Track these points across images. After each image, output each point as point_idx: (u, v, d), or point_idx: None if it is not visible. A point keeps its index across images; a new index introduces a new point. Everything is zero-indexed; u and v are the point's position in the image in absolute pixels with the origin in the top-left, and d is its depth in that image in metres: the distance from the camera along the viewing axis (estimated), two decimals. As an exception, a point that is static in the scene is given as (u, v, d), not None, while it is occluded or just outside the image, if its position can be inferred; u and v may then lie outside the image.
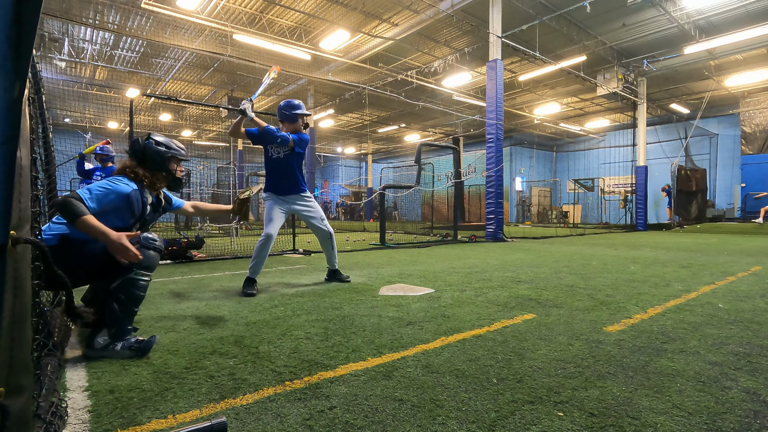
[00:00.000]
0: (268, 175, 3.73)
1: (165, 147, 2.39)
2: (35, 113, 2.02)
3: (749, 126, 17.21)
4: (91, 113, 19.20)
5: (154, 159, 2.35)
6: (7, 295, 0.77)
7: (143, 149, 2.35)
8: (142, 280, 2.07)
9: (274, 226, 3.58)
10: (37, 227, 1.51)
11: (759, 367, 1.82)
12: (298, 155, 3.73)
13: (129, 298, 2.04)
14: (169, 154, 2.40)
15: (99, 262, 2.03)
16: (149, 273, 2.11)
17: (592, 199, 22.52)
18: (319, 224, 3.84)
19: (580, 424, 1.36)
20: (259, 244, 3.53)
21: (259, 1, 10.56)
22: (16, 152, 0.75)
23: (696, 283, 3.89)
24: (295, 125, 3.72)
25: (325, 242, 3.91)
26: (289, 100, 3.77)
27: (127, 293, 2.03)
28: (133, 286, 2.04)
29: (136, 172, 2.29)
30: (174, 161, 2.44)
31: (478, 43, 12.52)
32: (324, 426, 1.35)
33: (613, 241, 9.61)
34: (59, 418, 1.29)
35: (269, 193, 3.71)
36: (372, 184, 27.48)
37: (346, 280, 4.05)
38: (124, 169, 2.29)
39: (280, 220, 3.65)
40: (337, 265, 4.06)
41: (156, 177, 2.36)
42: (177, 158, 2.45)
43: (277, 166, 3.69)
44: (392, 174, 23.00)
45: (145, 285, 2.10)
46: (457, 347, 2.09)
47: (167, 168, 2.41)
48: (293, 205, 3.77)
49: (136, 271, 2.04)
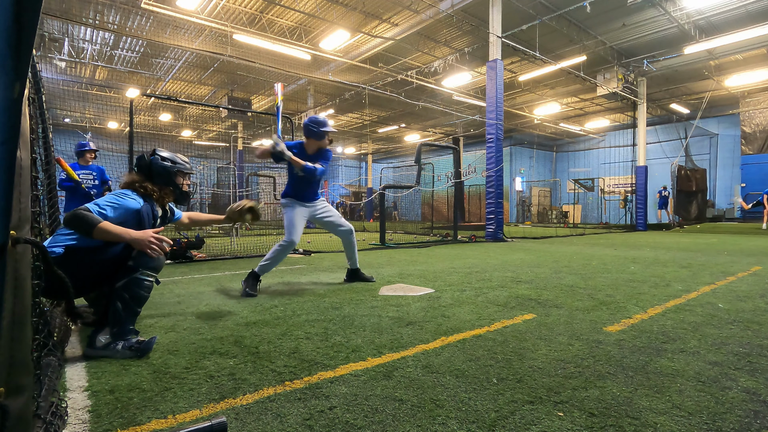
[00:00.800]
0: (292, 183, 3.74)
1: (171, 162, 2.43)
2: (35, 113, 2.02)
3: (749, 126, 17.23)
4: (91, 113, 19.22)
5: (161, 174, 2.39)
6: (7, 295, 0.77)
7: (149, 165, 2.38)
8: (147, 280, 2.08)
9: (298, 232, 3.61)
10: (37, 227, 1.51)
11: (759, 367, 1.82)
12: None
13: (133, 297, 2.05)
14: (175, 169, 2.43)
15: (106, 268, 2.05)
16: (155, 274, 2.12)
17: (592, 199, 22.53)
18: (339, 222, 3.86)
19: (580, 424, 1.36)
20: (279, 247, 3.54)
21: (259, 1, 10.56)
22: (16, 152, 0.75)
23: (696, 283, 3.89)
24: (320, 142, 3.76)
25: (348, 240, 3.91)
26: (315, 117, 3.81)
27: (132, 293, 2.04)
28: (137, 286, 2.05)
29: (145, 187, 2.32)
30: (180, 175, 2.48)
31: (478, 43, 12.53)
32: (324, 426, 1.35)
33: (613, 241, 9.61)
34: (59, 418, 1.29)
35: (290, 199, 3.72)
36: (372, 184, 27.49)
37: (371, 280, 4.02)
38: (133, 184, 2.32)
39: (302, 227, 3.69)
40: (358, 263, 4.04)
41: (164, 191, 2.41)
42: (183, 172, 2.48)
43: (302, 178, 3.69)
44: (392, 174, 23.01)
45: (150, 286, 2.10)
46: (457, 347, 2.09)
47: (174, 182, 2.44)
48: (313, 210, 3.80)
49: (141, 272, 2.05)
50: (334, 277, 4.33)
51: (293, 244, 3.58)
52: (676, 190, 15.49)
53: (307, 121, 3.78)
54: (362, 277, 4.03)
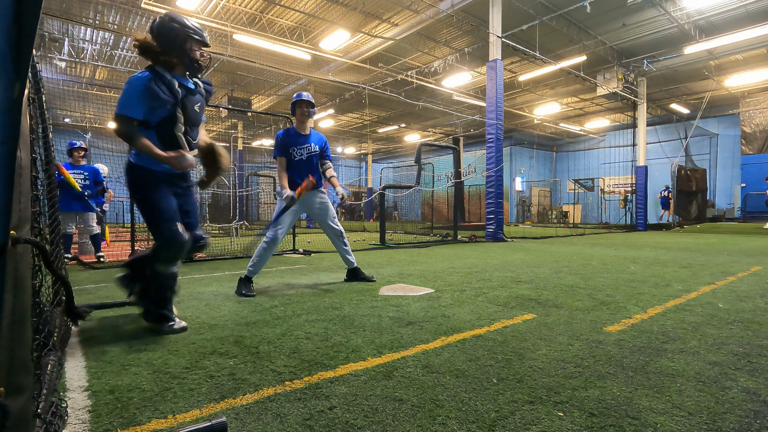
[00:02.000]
0: (293, 176, 3.65)
1: (179, 24, 2.23)
2: (35, 113, 2.02)
3: (749, 126, 17.21)
4: (91, 113, 19.21)
5: (167, 37, 2.19)
6: (7, 295, 0.77)
7: (157, 27, 2.21)
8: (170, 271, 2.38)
9: (284, 228, 3.56)
10: (37, 227, 1.51)
11: (759, 367, 1.82)
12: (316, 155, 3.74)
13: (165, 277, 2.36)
14: (183, 32, 2.21)
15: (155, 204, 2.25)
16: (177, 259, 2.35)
17: (592, 199, 22.52)
18: (331, 222, 3.81)
19: (580, 424, 1.36)
20: (264, 244, 3.49)
21: (259, 1, 10.56)
22: (16, 152, 0.75)
23: (696, 283, 3.89)
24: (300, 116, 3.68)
25: (336, 241, 3.88)
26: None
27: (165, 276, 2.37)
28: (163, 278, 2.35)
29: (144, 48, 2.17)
30: (190, 41, 2.24)
31: (478, 43, 12.52)
32: (324, 426, 1.35)
33: (613, 241, 9.61)
34: (59, 418, 1.29)
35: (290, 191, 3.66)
36: (372, 184, 27.48)
37: (371, 279, 3.98)
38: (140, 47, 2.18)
39: (289, 224, 3.62)
40: (355, 263, 3.99)
41: (170, 57, 2.21)
42: (192, 38, 2.25)
43: (303, 168, 3.65)
44: (392, 174, 23.00)
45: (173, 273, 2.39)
46: (457, 347, 2.09)
47: (183, 47, 2.22)
48: (311, 201, 3.71)
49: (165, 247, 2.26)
50: (334, 277, 4.33)
51: (276, 241, 3.51)
52: (676, 190, 15.48)
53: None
54: (362, 276, 4.00)
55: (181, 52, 2.23)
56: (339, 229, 3.85)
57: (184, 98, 2.26)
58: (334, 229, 3.83)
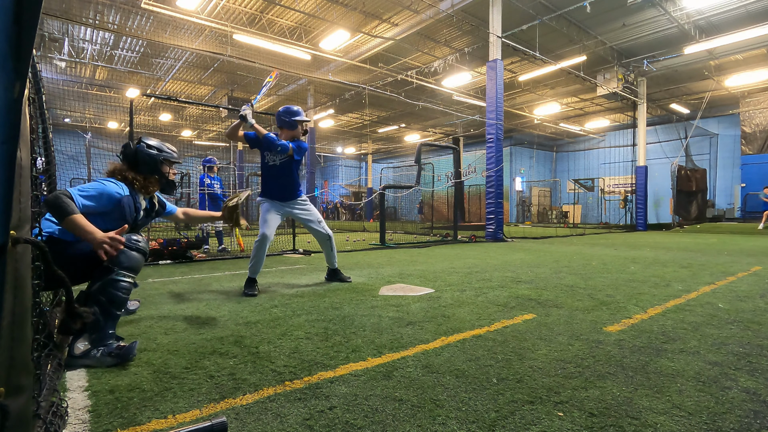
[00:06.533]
0: (265, 181, 3.71)
1: (156, 150, 2.38)
2: (35, 113, 2.02)
3: (749, 126, 17.22)
4: (91, 113, 19.21)
5: (146, 162, 2.34)
6: (7, 295, 0.77)
7: (135, 153, 2.33)
8: (124, 281, 1.98)
9: (270, 226, 3.58)
10: (37, 227, 1.51)
11: (759, 367, 1.82)
12: (296, 162, 3.72)
13: (110, 300, 1.94)
14: (161, 157, 2.38)
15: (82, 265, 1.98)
16: (132, 275, 2.03)
17: (592, 199, 22.53)
18: (316, 227, 3.85)
19: (580, 424, 1.36)
20: (255, 244, 3.54)
21: (259, 1, 10.56)
22: (16, 152, 0.74)
23: (696, 283, 3.89)
24: (293, 132, 3.69)
25: (324, 244, 3.95)
26: (289, 107, 3.73)
27: (108, 295, 1.94)
28: (114, 288, 1.95)
29: (124, 175, 2.27)
30: (166, 164, 2.43)
31: (478, 43, 12.52)
32: (324, 426, 1.35)
33: (613, 241, 9.61)
34: (59, 418, 1.29)
35: (264, 198, 3.70)
36: (372, 184, 27.48)
37: (347, 280, 4.05)
38: (113, 172, 2.27)
39: (275, 222, 3.65)
40: (336, 264, 4.07)
41: (149, 180, 2.35)
42: (169, 161, 2.43)
43: (275, 174, 3.67)
44: (392, 174, 23.00)
45: (128, 287, 2.01)
46: (457, 347, 2.09)
47: (160, 171, 2.39)
48: (290, 209, 3.77)
49: (117, 272, 1.96)
50: (334, 277, 4.33)
51: (266, 238, 3.53)
52: (676, 190, 15.48)
53: (280, 111, 3.72)
54: (340, 277, 4.06)
55: (160, 175, 2.41)
56: (327, 233, 3.89)
57: (138, 218, 2.33)
58: (321, 234, 3.87)
